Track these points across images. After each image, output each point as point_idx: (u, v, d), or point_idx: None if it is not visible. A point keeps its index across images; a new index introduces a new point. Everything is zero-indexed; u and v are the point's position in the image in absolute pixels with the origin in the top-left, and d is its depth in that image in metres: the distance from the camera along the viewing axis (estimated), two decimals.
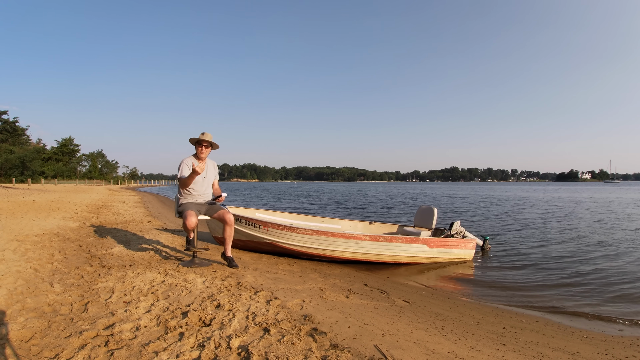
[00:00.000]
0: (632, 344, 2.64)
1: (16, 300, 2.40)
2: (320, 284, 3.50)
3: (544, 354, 2.29)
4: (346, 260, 4.86)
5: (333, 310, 2.60)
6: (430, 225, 5.83)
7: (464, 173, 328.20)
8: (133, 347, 1.81)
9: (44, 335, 1.93)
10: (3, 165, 44.17)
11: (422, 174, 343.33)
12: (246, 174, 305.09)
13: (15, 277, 2.90)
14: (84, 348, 1.79)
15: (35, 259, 3.53)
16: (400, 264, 5.06)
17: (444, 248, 5.24)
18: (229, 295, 2.70)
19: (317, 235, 4.68)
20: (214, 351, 1.79)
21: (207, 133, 3.82)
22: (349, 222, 6.35)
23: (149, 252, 4.23)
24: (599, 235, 7.93)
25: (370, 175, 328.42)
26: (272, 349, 1.84)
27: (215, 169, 4.03)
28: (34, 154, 49.21)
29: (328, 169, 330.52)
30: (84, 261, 3.66)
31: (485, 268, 5.13)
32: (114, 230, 5.91)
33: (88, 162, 68.63)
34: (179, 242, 5.10)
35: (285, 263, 4.46)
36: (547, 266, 5.15)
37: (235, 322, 2.16)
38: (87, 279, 3.01)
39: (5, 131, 54.35)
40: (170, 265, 3.59)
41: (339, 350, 1.87)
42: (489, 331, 2.67)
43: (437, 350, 2.07)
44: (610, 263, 5.32)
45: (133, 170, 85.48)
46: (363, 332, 2.21)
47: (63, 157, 60.13)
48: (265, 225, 4.65)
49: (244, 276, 3.38)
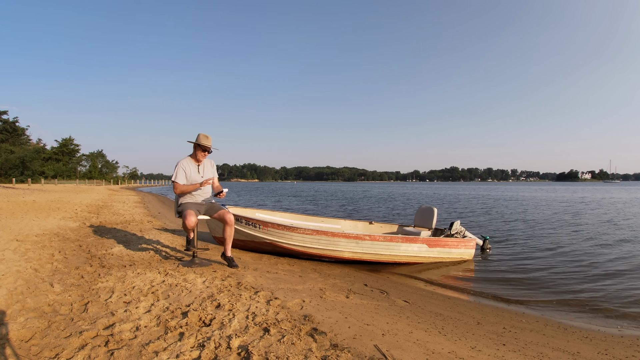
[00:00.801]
0: (632, 344, 2.64)
1: (16, 300, 2.40)
2: (320, 284, 3.50)
3: (544, 354, 2.29)
4: (346, 260, 4.86)
5: (333, 310, 2.60)
6: (430, 225, 5.83)
7: (464, 173, 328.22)
8: (133, 347, 1.81)
9: (44, 335, 1.93)
10: (3, 165, 44.16)
11: (422, 174, 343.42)
12: (246, 174, 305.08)
13: (15, 277, 2.90)
14: (84, 348, 1.79)
15: (35, 259, 3.53)
16: (400, 263, 5.06)
17: (444, 248, 5.24)
18: (229, 295, 2.70)
19: (317, 235, 4.68)
20: (214, 351, 1.79)
21: (209, 137, 3.80)
22: (349, 222, 6.35)
23: (149, 252, 4.23)
24: (600, 235, 7.93)
25: (370, 175, 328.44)
26: (272, 349, 1.84)
27: (213, 167, 4.01)
28: (34, 154, 49.22)
29: (328, 169, 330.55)
30: (84, 261, 3.66)
31: (485, 268, 5.13)
32: (114, 230, 5.91)
33: (88, 162, 68.65)
34: (179, 242, 5.10)
35: (285, 263, 4.46)
36: (547, 266, 5.14)
37: (235, 322, 2.16)
38: (87, 279, 3.01)
39: (5, 131, 54.35)
40: (170, 265, 3.59)
41: (339, 350, 1.87)
42: (489, 331, 2.67)
43: (437, 350, 2.07)
44: (611, 263, 5.32)
45: (133, 170, 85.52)
46: (363, 332, 2.21)
47: (63, 157, 60.14)
48: (265, 225, 4.65)
49: (244, 276, 3.38)
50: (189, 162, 3.79)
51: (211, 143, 3.79)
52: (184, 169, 3.72)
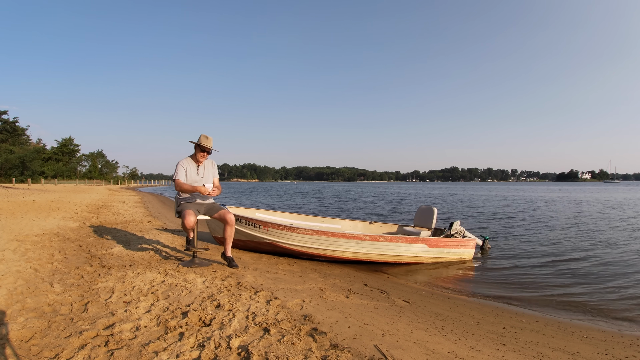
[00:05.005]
0: (632, 344, 2.64)
1: (16, 300, 2.40)
2: (320, 284, 3.50)
3: (544, 354, 2.29)
4: (346, 260, 4.86)
5: (333, 310, 2.60)
6: (430, 225, 5.83)
7: (464, 173, 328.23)
8: (133, 347, 1.81)
9: (44, 335, 1.93)
10: (3, 165, 44.16)
11: (422, 174, 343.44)
12: (246, 174, 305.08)
13: (15, 277, 2.90)
14: (84, 348, 1.79)
15: (35, 259, 3.53)
16: (400, 263, 5.06)
17: (443, 248, 5.24)
18: (229, 295, 2.70)
19: (317, 235, 4.68)
20: (214, 351, 1.79)
21: (209, 137, 3.80)
22: (349, 222, 6.35)
23: (149, 252, 4.23)
24: (601, 235, 7.93)
25: (370, 175, 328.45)
26: (272, 349, 1.84)
27: (214, 168, 4.00)
28: (34, 154, 49.22)
29: (328, 169, 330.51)
30: (84, 261, 3.66)
31: (485, 268, 5.13)
32: (114, 230, 5.91)
33: (88, 162, 68.60)
34: (179, 242, 5.10)
35: (285, 263, 4.46)
36: (547, 266, 5.15)
37: (235, 322, 2.16)
38: (87, 279, 3.01)
39: (5, 131, 54.32)
40: (170, 265, 3.59)
41: (339, 350, 1.87)
42: (489, 331, 2.67)
43: (437, 350, 2.07)
44: (611, 263, 5.32)
45: (133, 170, 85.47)
46: (363, 332, 2.21)
47: (63, 157, 60.13)
48: (265, 225, 4.65)
49: (244, 276, 3.38)
50: (189, 162, 3.79)
51: (212, 144, 3.78)
52: (184, 168, 3.72)
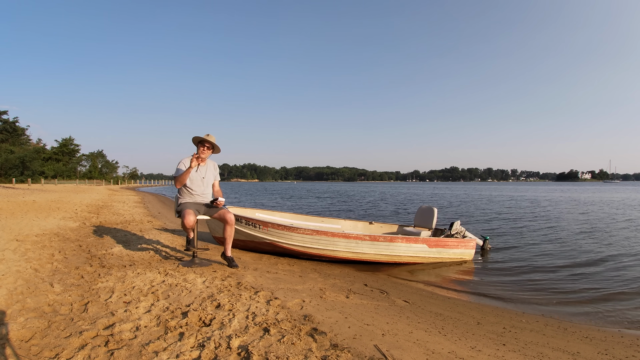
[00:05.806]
0: (632, 344, 2.64)
1: (16, 300, 2.40)
2: (320, 284, 3.50)
3: (544, 354, 2.29)
4: (346, 260, 4.85)
5: (333, 310, 2.60)
6: (430, 225, 5.83)
7: (464, 173, 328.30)
8: (133, 347, 1.81)
9: (44, 335, 1.93)
10: (3, 165, 44.15)
11: (422, 174, 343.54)
12: (246, 174, 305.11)
13: (15, 277, 2.90)
14: (84, 348, 1.79)
15: (35, 259, 3.53)
16: (400, 264, 5.06)
17: (444, 248, 5.24)
18: (229, 295, 2.70)
19: (317, 235, 4.68)
20: (214, 351, 1.79)
21: (211, 135, 3.81)
22: (349, 222, 6.35)
23: (149, 252, 4.23)
24: (601, 235, 7.93)
25: (370, 175, 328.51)
26: (272, 349, 1.84)
27: (216, 169, 4.00)
28: (34, 154, 49.21)
29: (328, 169, 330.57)
30: (84, 261, 3.66)
31: (485, 268, 5.13)
32: (114, 230, 5.91)
33: (88, 162, 68.61)
34: (179, 242, 5.10)
35: (285, 263, 4.46)
36: (547, 266, 5.14)
37: (235, 322, 2.16)
38: (87, 279, 3.01)
39: (5, 131, 54.33)
40: (170, 265, 3.59)
41: (339, 350, 1.86)
42: (489, 331, 2.67)
43: (437, 350, 2.07)
44: (611, 263, 5.32)
45: (133, 170, 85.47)
46: (363, 332, 2.21)
47: (63, 157, 60.13)
48: (265, 225, 4.65)
49: (244, 276, 3.38)
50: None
51: (213, 140, 3.79)
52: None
